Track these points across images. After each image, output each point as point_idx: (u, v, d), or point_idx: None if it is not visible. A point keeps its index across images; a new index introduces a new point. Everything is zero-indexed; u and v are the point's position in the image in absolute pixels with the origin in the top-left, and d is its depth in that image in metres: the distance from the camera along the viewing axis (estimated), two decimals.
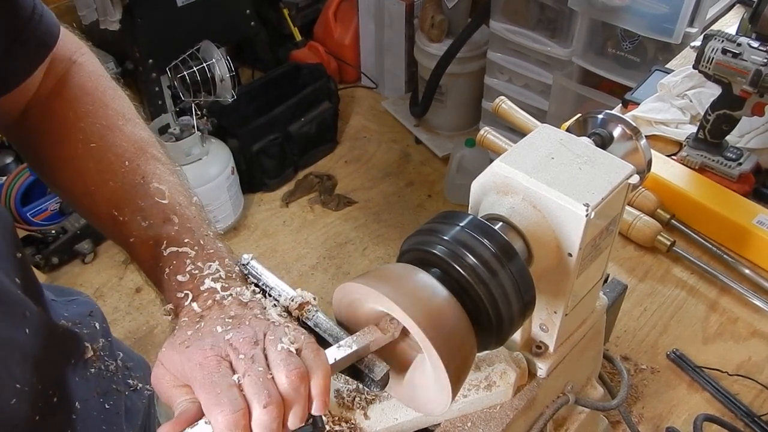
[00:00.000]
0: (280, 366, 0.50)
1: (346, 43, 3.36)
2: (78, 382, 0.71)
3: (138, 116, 0.73)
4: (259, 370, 0.50)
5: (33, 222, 2.51)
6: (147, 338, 2.37)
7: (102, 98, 0.71)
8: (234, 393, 0.49)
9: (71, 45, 0.73)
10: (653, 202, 1.13)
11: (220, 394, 0.48)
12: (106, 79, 0.74)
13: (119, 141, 0.68)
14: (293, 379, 0.50)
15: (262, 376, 0.50)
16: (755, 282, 1.05)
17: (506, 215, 0.61)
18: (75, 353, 0.72)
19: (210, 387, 0.49)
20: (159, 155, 0.70)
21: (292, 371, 0.50)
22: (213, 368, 0.50)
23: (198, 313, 0.57)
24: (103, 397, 0.75)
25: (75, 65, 0.72)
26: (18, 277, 0.62)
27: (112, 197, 0.67)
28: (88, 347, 0.74)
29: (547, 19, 2.36)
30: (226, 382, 0.49)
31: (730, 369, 0.95)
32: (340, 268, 2.62)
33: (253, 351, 0.51)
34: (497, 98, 1.17)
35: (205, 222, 0.67)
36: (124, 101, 0.73)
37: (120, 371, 0.81)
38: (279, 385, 0.50)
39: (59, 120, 0.69)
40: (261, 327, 0.54)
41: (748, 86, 1.06)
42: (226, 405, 0.48)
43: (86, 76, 0.72)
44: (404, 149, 3.16)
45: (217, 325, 0.54)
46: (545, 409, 0.72)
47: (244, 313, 0.56)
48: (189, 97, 2.47)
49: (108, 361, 0.78)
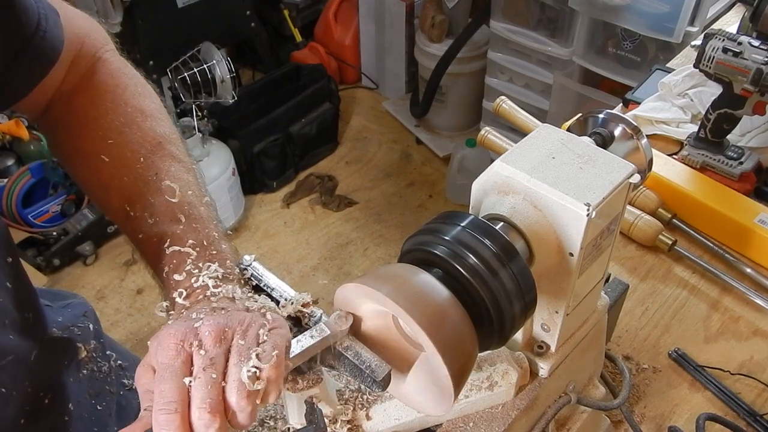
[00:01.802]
0: (234, 386, 0.50)
1: (347, 44, 3.37)
2: (71, 383, 0.71)
3: (162, 111, 0.74)
4: (212, 376, 0.50)
5: (34, 224, 2.51)
6: (148, 339, 2.36)
7: (122, 95, 0.72)
8: (177, 395, 0.49)
9: (97, 41, 0.74)
10: (654, 202, 1.13)
11: (163, 392, 0.49)
12: (129, 76, 0.75)
13: (136, 137, 0.69)
14: (242, 402, 0.50)
15: (212, 383, 0.49)
16: (757, 281, 1.04)
17: (507, 215, 0.61)
18: (68, 355, 0.73)
19: (158, 382, 0.50)
20: (176, 152, 0.71)
21: (244, 398, 0.50)
22: (170, 358, 0.51)
23: (184, 307, 0.58)
24: (95, 399, 0.75)
25: (100, 61, 0.73)
26: (9, 281, 0.63)
27: (126, 192, 0.68)
28: (81, 348, 0.74)
29: (548, 19, 2.36)
30: (175, 381, 0.50)
31: (732, 368, 0.95)
32: (341, 269, 2.62)
33: (216, 350, 0.51)
34: (498, 98, 1.17)
35: (212, 222, 0.67)
36: (147, 97, 0.74)
37: (114, 372, 0.81)
38: (228, 401, 0.50)
39: (80, 115, 0.70)
40: (235, 319, 0.53)
41: (749, 85, 1.06)
42: (165, 405, 0.48)
43: (109, 73, 0.73)
44: (405, 149, 3.16)
45: (195, 313, 0.54)
46: (547, 409, 0.72)
47: (228, 306, 0.56)
48: (190, 99, 2.48)
49: (101, 362, 0.78)
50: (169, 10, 2.58)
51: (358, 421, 0.68)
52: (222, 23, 2.80)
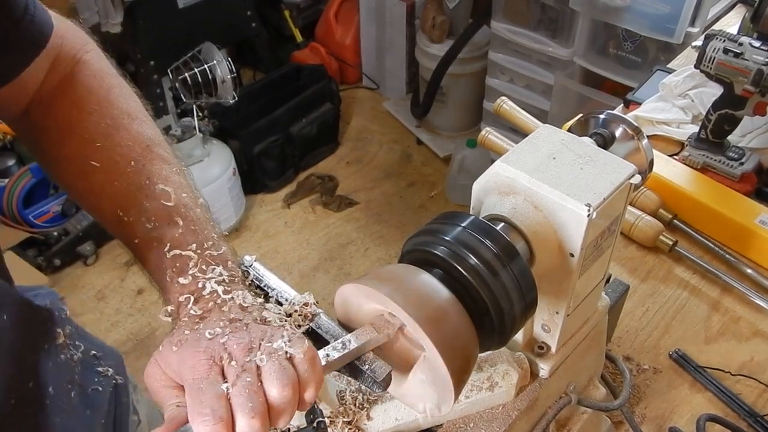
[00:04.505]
0: (273, 378, 0.50)
1: (347, 44, 3.36)
2: (51, 367, 0.69)
3: (145, 113, 0.73)
4: (247, 380, 0.50)
5: (35, 224, 2.51)
6: (149, 340, 2.37)
7: (107, 96, 0.70)
8: (219, 403, 0.49)
9: (76, 43, 0.72)
10: (655, 202, 1.13)
11: (204, 402, 0.48)
12: (112, 77, 0.73)
13: (125, 140, 0.68)
14: (285, 393, 0.50)
15: (250, 387, 0.50)
16: (757, 282, 1.04)
17: (508, 216, 0.61)
18: (49, 337, 0.71)
19: (196, 393, 0.49)
20: (165, 155, 0.70)
21: (285, 385, 0.50)
22: (203, 372, 0.50)
23: (197, 315, 0.57)
24: (71, 384, 0.74)
25: (80, 63, 0.71)
26: None
27: (118, 198, 0.66)
28: (60, 332, 0.72)
29: (549, 20, 2.36)
30: (214, 390, 0.49)
31: (733, 369, 0.95)
32: (342, 269, 2.62)
33: (246, 359, 0.51)
34: (498, 99, 1.17)
35: (209, 224, 0.66)
36: (131, 98, 0.72)
37: (87, 360, 0.79)
38: (269, 397, 0.50)
39: (63, 119, 0.68)
40: (258, 332, 0.54)
41: (750, 86, 1.06)
42: (208, 414, 0.48)
43: (91, 75, 0.71)
44: (405, 150, 3.16)
45: (215, 327, 0.54)
46: (548, 410, 0.72)
47: (244, 316, 0.56)
48: (190, 99, 2.48)
49: (72, 350, 0.76)
50: (169, 11, 2.57)
51: (359, 421, 0.68)
52: (223, 23, 2.79)
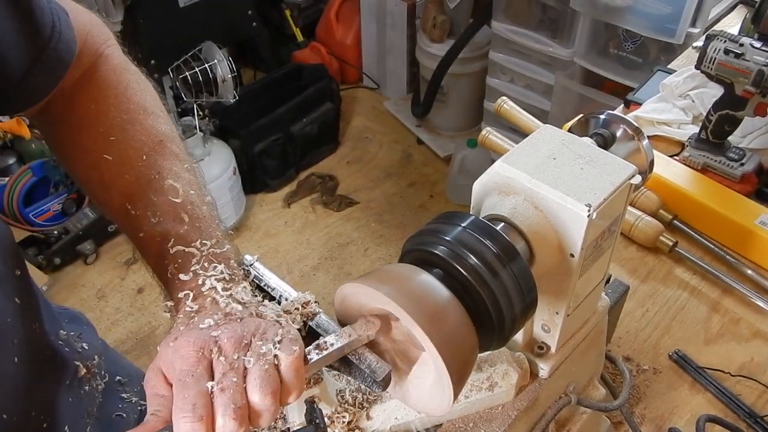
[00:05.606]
0: (256, 384, 0.50)
1: (348, 44, 3.36)
2: (70, 402, 0.70)
3: (161, 108, 0.74)
4: (233, 380, 0.50)
5: (35, 223, 2.51)
6: (149, 339, 2.37)
7: (125, 91, 0.71)
8: (201, 401, 0.49)
9: (99, 37, 0.73)
10: (655, 203, 1.13)
11: (187, 398, 0.49)
12: (131, 72, 0.74)
13: (138, 135, 0.69)
14: (266, 400, 0.50)
15: (234, 388, 0.50)
16: (758, 282, 1.04)
17: (508, 216, 0.61)
18: (68, 374, 0.71)
19: (181, 388, 0.49)
20: (178, 151, 0.71)
21: (267, 394, 0.50)
22: (191, 365, 0.51)
23: (193, 311, 0.57)
24: (90, 418, 0.74)
25: (102, 57, 0.72)
26: (18, 296, 0.62)
27: (127, 190, 0.67)
28: (80, 366, 0.73)
29: (549, 20, 2.36)
30: (198, 387, 0.49)
31: (733, 370, 0.95)
32: (342, 269, 2.62)
33: (235, 356, 0.51)
34: (499, 99, 1.17)
35: (215, 222, 0.67)
36: (147, 93, 0.73)
37: (114, 387, 0.80)
38: (250, 401, 0.50)
39: (81, 112, 0.69)
40: (252, 325, 0.54)
41: (751, 86, 1.06)
42: (189, 411, 0.48)
43: (111, 69, 0.72)
44: (406, 150, 3.16)
45: (209, 319, 0.54)
46: (547, 410, 0.72)
47: (240, 310, 0.56)
48: (191, 98, 2.48)
49: (98, 380, 0.77)
50: (170, 10, 2.58)
51: (358, 421, 0.68)
52: (223, 23, 2.80)
